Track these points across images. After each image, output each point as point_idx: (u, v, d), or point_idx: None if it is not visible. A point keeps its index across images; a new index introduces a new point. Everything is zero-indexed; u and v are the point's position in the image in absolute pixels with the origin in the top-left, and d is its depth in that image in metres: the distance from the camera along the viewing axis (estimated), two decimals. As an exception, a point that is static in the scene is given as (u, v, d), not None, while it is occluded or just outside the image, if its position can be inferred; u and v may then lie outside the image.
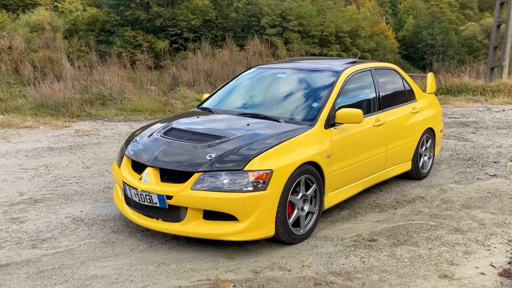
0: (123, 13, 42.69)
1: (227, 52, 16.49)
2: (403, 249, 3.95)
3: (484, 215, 4.79)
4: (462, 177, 6.13)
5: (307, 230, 4.12)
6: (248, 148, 3.85)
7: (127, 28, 42.42)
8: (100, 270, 3.48)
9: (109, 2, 43.72)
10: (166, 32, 42.92)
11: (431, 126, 6.03)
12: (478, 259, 3.79)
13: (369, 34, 51.98)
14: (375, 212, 4.88)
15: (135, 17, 43.01)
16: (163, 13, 43.56)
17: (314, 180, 4.13)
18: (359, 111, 4.37)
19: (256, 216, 3.67)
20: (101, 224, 4.34)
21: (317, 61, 5.65)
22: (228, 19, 46.27)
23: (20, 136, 8.21)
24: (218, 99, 5.19)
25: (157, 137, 4.24)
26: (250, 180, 3.64)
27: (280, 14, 45.87)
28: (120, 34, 42.19)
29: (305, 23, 46.55)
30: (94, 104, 11.34)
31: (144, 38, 42.01)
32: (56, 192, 5.23)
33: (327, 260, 3.73)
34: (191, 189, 3.66)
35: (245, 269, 3.55)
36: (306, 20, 46.92)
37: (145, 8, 44.58)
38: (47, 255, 3.71)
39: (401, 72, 5.84)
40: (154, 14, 43.22)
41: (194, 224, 3.72)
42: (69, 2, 44.53)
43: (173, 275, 3.43)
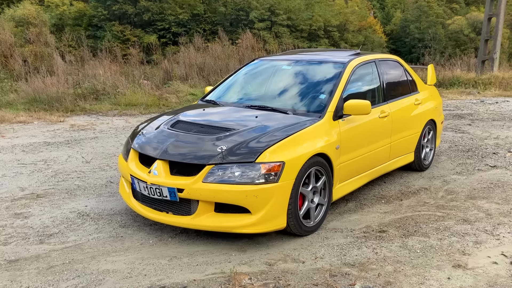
0: (111, 7, 42.22)
1: (219, 46, 16.37)
2: (414, 240, 3.95)
3: (489, 206, 4.81)
4: (463, 168, 6.16)
5: (317, 222, 4.10)
6: (258, 140, 3.81)
7: (115, 23, 41.98)
8: (112, 265, 3.42)
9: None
10: (154, 26, 42.54)
11: (432, 118, 6.04)
12: (489, 249, 3.80)
13: (357, 28, 52.08)
14: (381, 203, 4.88)
15: (123, 12, 42.54)
16: (151, 7, 43.15)
17: (323, 172, 4.11)
18: (367, 103, 4.35)
19: (268, 208, 3.64)
20: (108, 219, 4.28)
21: (321, 52, 5.61)
22: (217, 13, 46.01)
23: (15, 131, 8.07)
24: (222, 92, 5.14)
25: (164, 129, 4.19)
26: (262, 172, 3.61)
27: (268, 8, 45.72)
28: (108, 28, 41.74)
29: (293, 17, 46.48)
30: (87, 99, 11.20)
31: (132, 32, 41.61)
32: (58, 187, 5.14)
33: (339, 251, 3.71)
34: (202, 181, 3.61)
35: (259, 262, 3.52)
36: (294, 14, 46.85)
37: (133, 2, 44.11)
38: (56, 250, 3.65)
39: (403, 63, 5.83)
40: (142, 9, 42.80)
41: (206, 217, 3.68)
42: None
43: (186, 269, 3.39)
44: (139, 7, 42.61)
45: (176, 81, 13.43)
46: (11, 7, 38.07)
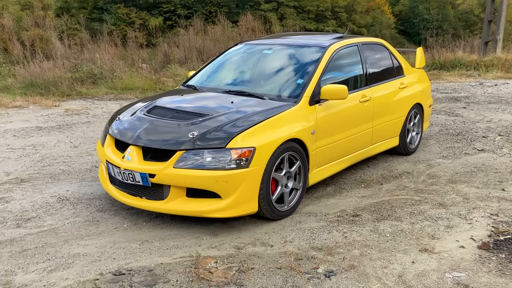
0: (116, -11, 42.03)
1: (219, 28, 16.30)
2: (386, 224, 3.99)
3: (468, 190, 4.82)
4: (450, 152, 6.15)
5: (291, 206, 4.14)
6: (231, 125, 3.84)
7: (120, 5, 41.83)
8: (83, 249, 3.50)
9: (101, -21, 42.98)
10: (159, 9, 42.33)
11: (419, 102, 6.02)
12: (459, 233, 3.83)
13: (365, 9, 51.44)
14: (361, 187, 4.91)
15: (129, -6, 42.38)
16: (156, -11, 42.89)
17: (298, 157, 4.14)
18: (344, 87, 4.35)
19: (239, 193, 3.68)
20: (87, 203, 4.36)
21: (305, 36, 5.59)
22: (223, -6, 45.64)
23: (9, 116, 8.16)
24: (203, 77, 5.16)
25: (140, 115, 4.23)
26: (233, 158, 3.65)
27: (275, -12, 45.25)
28: (113, 11, 41.59)
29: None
30: (84, 83, 11.26)
31: (138, 15, 41.46)
32: (43, 171, 5.23)
33: (309, 235, 3.76)
34: (173, 167, 3.66)
35: (228, 246, 3.58)
36: (301, -6, 46.33)
37: (138, -15, 43.87)
38: (31, 234, 3.73)
39: (389, 47, 5.79)
40: (148, -9, 42.55)
41: (178, 202, 3.73)
42: (60, -21, 43.74)
43: (156, 252, 3.46)
44: (145, -11, 42.42)
45: (175, 64, 13.43)
46: (17, -10, 38.10)
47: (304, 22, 43.93)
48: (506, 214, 4.20)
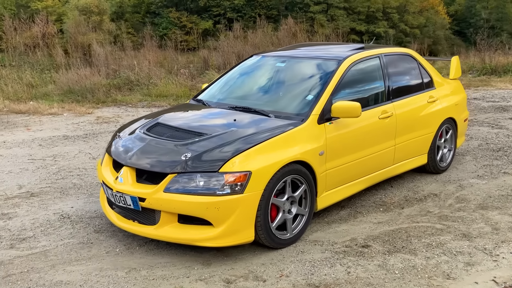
0: (168, -7, 42.77)
1: (259, 33, 16.11)
2: (397, 258, 3.61)
3: (500, 218, 4.34)
4: (487, 171, 5.63)
5: (294, 233, 3.84)
6: (227, 147, 3.59)
7: (172, 9, 42.52)
8: (68, 276, 3.36)
9: (154, -16, 43.89)
10: (209, 12, 42.70)
11: (451, 116, 5.54)
12: (480, 272, 3.40)
13: (418, 9, 49.77)
14: (379, 212, 4.53)
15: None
16: (206, -8, 43.34)
17: (303, 181, 3.83)
18: (357, 104, 4.01)
19: (232, 221, 3.43)
20: (86, 222, 4.24)
21: (324, 47, 5.28)
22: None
23: (42, 123, 8.29)
24: (213, 91, 4.94)
25: (139, 133, 4.06)
26: (226, 183, 3.40)
27: (325, -10, 44.63)
28: (164, 15, 42.39)
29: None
30: (122, 90, 11.36)
31: (188, 19, 42.00)
32: (54, 185, 5.18)
33: (309, 269, 3.45)
34: (163, 191, 3.46)
35: (218, 278, 3.33)
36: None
37: (189, -12, 44.52)
38: (21, 256, 3.64)
39: (417, 57, 5.36)
40: (198, -6, 43.07)
41: (169, 228, 3.53)
42: (115, -16, 45.07)
43: (140, 283, 3.26)
44: (196, -7, 42.96)
45: (213, 70, 13.35)
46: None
47: (355, 24, 43.04)
48: (539, 250, 3.72)
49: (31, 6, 38.07)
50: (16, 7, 37.44)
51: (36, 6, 38.45)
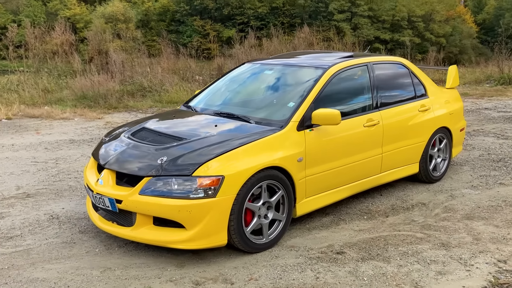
0: (192, 2, 43.31)
1: (276, 41, 16.21)
2: (370, 265, 3.62)
3: (484, 228, 4.30)
4: (482, 182, 5.57)
5: (271, 239, 3.89)
6: (202, 151, 3.68)
7: (196, 18, 43.07)
8: (45, 273, 3.48)
9: (180, -8, 44.55)
10: (233, 20, 43.06)
11: (445, 125, 5.51)
12: (449, 282, 3.39)
13: (444, 18, 49.11)
14: (362, 219, 4.54)
15: (204, 7, 43.50)
16: (230, 1, 43.75)
17: (280, 186, 3.89)
18: (336, 112, 4.05)
19: (204, 224, 3.51)
20: (73, 223, 4.38)
21: (313, 55, 5.33)
22: (296, 5, 45.64)
23: (52, 127, 8.55)
24: (203, 97, 5.04)
25: (123, 137, 4.18)
26: (199, 186, 3.48)
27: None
28: (189, 23, 42.95)
29: (375, 7, 44.83)
30: (135, 96, 11.60)
31: (212, 27, 42.47)
32: (51, 187, 5.36)
33: (279, 273, 3.50)
34: (139, 194, 3.57)
35: (188, 280, 3.41)
36: (376, 4, 45.18)
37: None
38: (5, 254, 3.79)
39: (410, 66, 5.36)
40: (222, 3, 43.47)
41: (144, 230, 3.63)
42: (141, -7, 45.94)
43: (112, 282, 3.36)
44: (219, 1, 43.36)
45: (226, 77, 13.47)
46: (102, 5, 40.58)
47: (379, 32, 42.71)
48: (516, 261, 3.68)
49: (60, 14, 39.16)
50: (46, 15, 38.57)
51: (65, 14, 39.54)
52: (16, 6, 38.80)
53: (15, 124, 8.73)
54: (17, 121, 8.95)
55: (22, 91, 10.92)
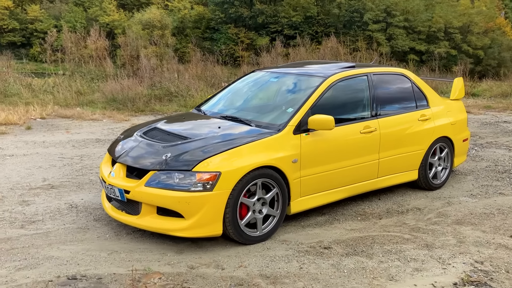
0: (227, 10, 44.12)
1: (302, 50, 16.53)
2: (352, 260, 3.91)
3: (471, 233, 4.51)
4: (483, 191, 5.74)
5: (264, 232, 4.23)
6: (204, 150, 4.06)
7: (231, 26, 43.81)
8: (60, 252, 3.92)
9: (215, 0, 45.46)
10: (267, 29, 43.59)
11: (446, 135, 5.72)
12: (423, 277, 3.64)
13: (483, 30, 48.31)
14: (356, 220, 4.81)
15: (239, 15, 44.25)
16: (265, 10, 44.34)
17: (275, 184, 4.22)
18: (330, 118, 4.36)
19: (201, 215, 3.88)
20: (89, 212, 4.82)
21: (318, 65, 5.61)
22: (330, 15, 45.84)
23: (81, 127, 9.12)
24: (213, 101, 5.43)
25: (135, 135, 4.61)
26: (197, 181, 3.86)
27: (384, 9, 44.39)
28: (223, 31, 43.74)
29: (411, 18, 44.55)
30: (162, 100, 12.13)
31: (246, 35, 43.13)
32: (74, 180, 5.84)
33: (267, 263, 3.83)
34: (144, 185, 3.97)
35: (184, 264, 3.78)
36: (412, 15, 44.90)
37: (249, 6, 45.73)
38: (27, 235, 4.25)
39: (412, 77, 5.61)
40: (257, 12, 44.12)
41: (148, 219, 4.03)
42: (178, 1, 47.14)
43: (117, 263, 3.77)
44: (254, 10, 44.08)
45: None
46: (140, 11, 41.83)
47: (414, 43, 42.47)
48: (493, 263, 3.89)
49: (100, 20, 40.62)
50: (86, 21, 40.04)
51: (104, 20, 40.97)
52: (59, 12, 40.45)
53: (48, 123, 9.36)
54: (50, 121, 9.58)
55: (57, 93, 11.61)
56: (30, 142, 7.69)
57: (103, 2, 42.59)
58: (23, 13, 40.51)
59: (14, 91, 11.61)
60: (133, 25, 38.10)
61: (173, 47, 37.54)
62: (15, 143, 7.62)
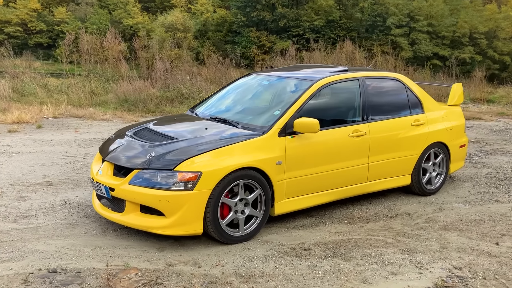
0: (249, 14, 44.37)
1: (317, 54, 16.55)
2: (330, 262, 3.94)
3: (456, 239, 4.49)
4: (478, 197, 5.69)
5: (246, 232, 4.29)
6: (186, 150, 4.15)
7: (252, 29, 44.03)
8: (46, 247, 4.05)
9: (237, 4, 45.76)
10: (289, 32, 43.66)
11: (441, 140, 5.69)
12: (397, 281, 3.65)
13: (510, 35, 47.40)
14: (342, 224, 4.84)
15: (260, 18, 44.46)
16: (287, 14, 44.44)
17: (258, 186, 4.28)
18: (315, 121, 4.40)
19: (181, 214, 3.97)
20: (81, 209, 4.96)
21: (311, 69, 5.66)
22: (352, 19, 45.66)
23: (90, 127, 9.34)
24: (206, 103, 5.52)
25: (126, 135, 4.73)
26: (179, 180, 3.95)
27: (408, 14, 44.00)
28: (245, 34, 43.97)
29: (435, 23, 44.05)
30: (173, 102, 12.31)
31: (267, 38, 43.29)
32: (72, 178, 6.01)
33: (244, 262, 3.89)
34: (128, 183, 4.08)
35: (162, 261, 3.86)
36: (436, 20, 44.39)
37: (271, 9, 45.89)
38: (17, 229, 4.41)
39: (407, 82, 5.60)
40: (279, 15, 44.26)
41: (132, 216, 4.13)
42: (201, 4, 47.60)
43: (98, 258, 3.88)
44: (276, 13, 44.22)
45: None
46: (163, 14, 42.40)
47: (438, 48, 42.01)
48: (471, 269, 3.87)
49: (124, 22, 41.31)
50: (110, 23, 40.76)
51: (128, 22, 41.65)
52: (84, 14, 41.28)
53: (59, 122, 9.61)
54: (61, 120, 9.83)
55: (71, 93, 11.89)
56: (38, 141, 7.91)
57: (127, 5, 43.27)
58: (50, 15, 41.49)
59: (30, 90, 11.94)
60: (156, 28, 38.70)
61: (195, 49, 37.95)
62: (24, 141, 7.86)
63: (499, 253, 4.19)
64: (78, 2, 42.53)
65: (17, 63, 14.93)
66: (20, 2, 40.43)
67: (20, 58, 16.88)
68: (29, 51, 25.38)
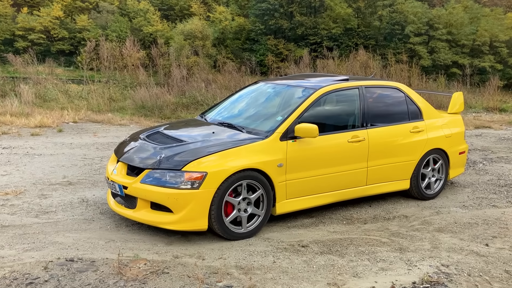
0: (267, 22, 44.80)
1: (331, 62, 16.81)
2: (324, 258, 4.22)
3: (449, 240, 4.73)
4: (476, 202, 5.91)
5: (249, 230, 4.60)
6: (194, 152, 4.49)
7: (270, 37, 44.46)
8: (64, 239, 4.43)
9: (256, 12, 46.24)
10: (306, 40, 43.97)
11: (440, 147, 5.94)
12: (386, 276, 3.92)
13: (531, 44, 46.91)
14: (341, 224, 5.11)
15: (278, 26, 44.89)
16: (305, 22, 44.78)
17: (260, 186, 4.60)
18: (314, 127, 4.70)
19: (188, 211, 4.30)
20: (97, 206, 5.33)
21: (315, 78, 5.94)
22: (371, 27, 45.76)
23: (108, 132, 9.77)
24: (216, 109, 5.87)
25: (139, 138, 5.09)
26: (186, 179, 4.29)
27: (427, 22, 43.95)
28: (263, 42, 44.41)
29: (454, 31, 43.90)
30: (189, 108, 12.71)
31: (285, 46, 43.65)
32: (90, 178, 6.40)
33: (245, 256, 4.19)
34: (140, 182, 4.43)
35: (170, 254, 4.20)
36: (456, 28, 44.23)
37: (289, 18, 46.29)
38: (39, 223, 4.79)
39: (406, 91, 5.87)
40: (297, 23, 44.64)
41: (143, 212, 4.49)
42: (219, 12, 48.23)
43: (111, 250, 4.23)
44: (294, 22, 44.63)
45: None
46: (182, 22, 43.09)
47: (457, 57, 41.83)
48: (458, 267, 4.12)
49: (143, 30, 42.12)
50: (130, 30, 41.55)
51: (148, 30, 42.45)
52: (105, 22, 42.21)
53: (79, 127, 10.07)
54: (80, 125, 10.29)
55: (91, 99, 12.37)
56: (58, 144, 8.36)
57: (147, 13, 44.10)
58: (72, 22, 42.53)
59: (52, 96, 12.47)
60: (175, 35, 39.40)
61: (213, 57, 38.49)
62: (45, 143, 8.31)
63: (487, 253, 4.42)
64: (100, 10, 43.51)
65: (40, 70, 15.55)
66: (44, 10, 41.58)
67: (43, 65, 17.52)
68: (52, 57, 26.15)
